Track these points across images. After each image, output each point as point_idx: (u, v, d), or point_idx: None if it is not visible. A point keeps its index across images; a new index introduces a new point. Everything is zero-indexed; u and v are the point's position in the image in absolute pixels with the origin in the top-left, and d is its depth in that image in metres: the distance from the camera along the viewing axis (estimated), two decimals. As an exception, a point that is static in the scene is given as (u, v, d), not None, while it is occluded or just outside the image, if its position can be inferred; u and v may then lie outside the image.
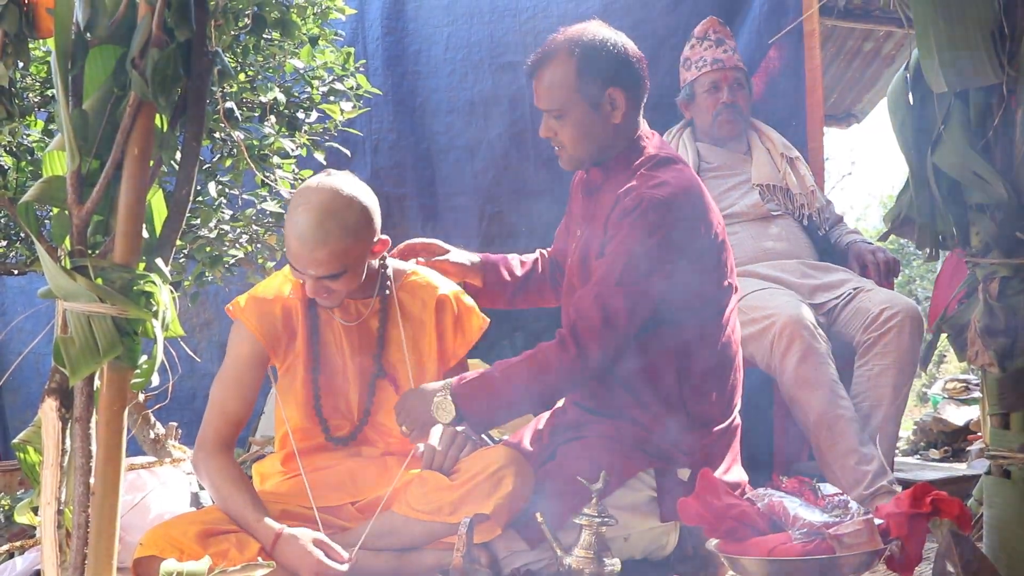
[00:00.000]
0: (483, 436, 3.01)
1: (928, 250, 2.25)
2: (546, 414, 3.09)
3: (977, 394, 7.22)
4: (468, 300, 3.01)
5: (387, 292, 2.90)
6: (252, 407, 2.86)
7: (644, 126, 2.95)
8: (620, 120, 2.86)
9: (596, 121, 2.85)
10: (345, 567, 2.55)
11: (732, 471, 2.86)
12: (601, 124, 2.86)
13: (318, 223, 2.59)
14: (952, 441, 6.87)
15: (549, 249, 3.38)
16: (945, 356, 11.40)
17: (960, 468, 5.36)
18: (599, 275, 2.71)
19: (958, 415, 6.99)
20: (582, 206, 3.00)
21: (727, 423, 2.88)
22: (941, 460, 6.60)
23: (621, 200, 2.75)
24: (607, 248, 2.74)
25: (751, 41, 4.70)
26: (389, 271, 2.93)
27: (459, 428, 2.77)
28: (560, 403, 3.05)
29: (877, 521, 2.13)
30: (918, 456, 6.89)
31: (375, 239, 2.73)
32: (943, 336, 2.34)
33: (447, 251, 3.20)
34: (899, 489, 3.27)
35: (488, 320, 3.02)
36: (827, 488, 2.31)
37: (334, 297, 2.73)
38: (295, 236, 2.61)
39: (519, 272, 3.29)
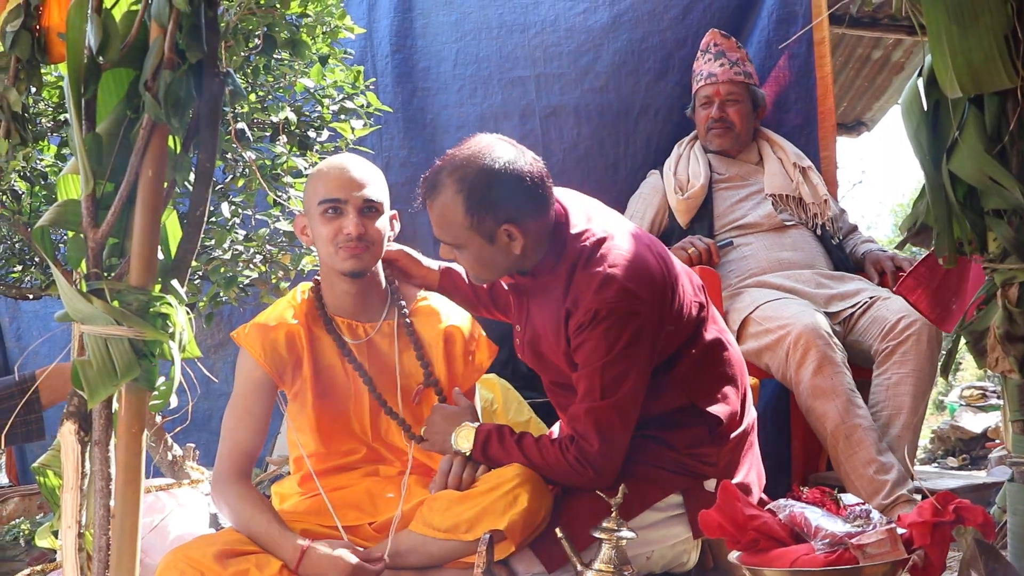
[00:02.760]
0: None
1: (946, 257, 2.24)
2: (557, 431, 3.08)
3: (994, 401, 7.20)
4: (476, 328, 3.00)
5: (405, 314, 2.90)
6: (265, 436, 2.85)
7: (557, 214, 2.75)
8: (520, 251, 2.67)
9: (495, 253, 2.68)
10: (380, 567, 2.56)
11: (750, 474, 2.84)
12: (502, 254, 2.68)
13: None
14: (970, 449, 6.86)
15: None
16: (961, 363, 11.35)
17: (979, 476, 5.34)
18: (583, 391, 2.65)
19: (975, 422, 6.98)
20: (515, 303, 2.93)
21: (744, 426, 2.86)
22: (959, 468, 6.58)
23: (572, 314, 2.65)
24: (578, 359, 2.67)
25: (760, 50, 4.71)
26: (399, 293, 2.93)
27: None
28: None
29: (900, 530, 2.12)
30: (936, 464, 6.87)
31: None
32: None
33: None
34: (919, 498, 3.25)
35: (497, 348, 3.02)
36: (849, 498, 2.30)
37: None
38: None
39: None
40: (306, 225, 2.84)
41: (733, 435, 2.80)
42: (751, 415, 2.91)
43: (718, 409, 2.78)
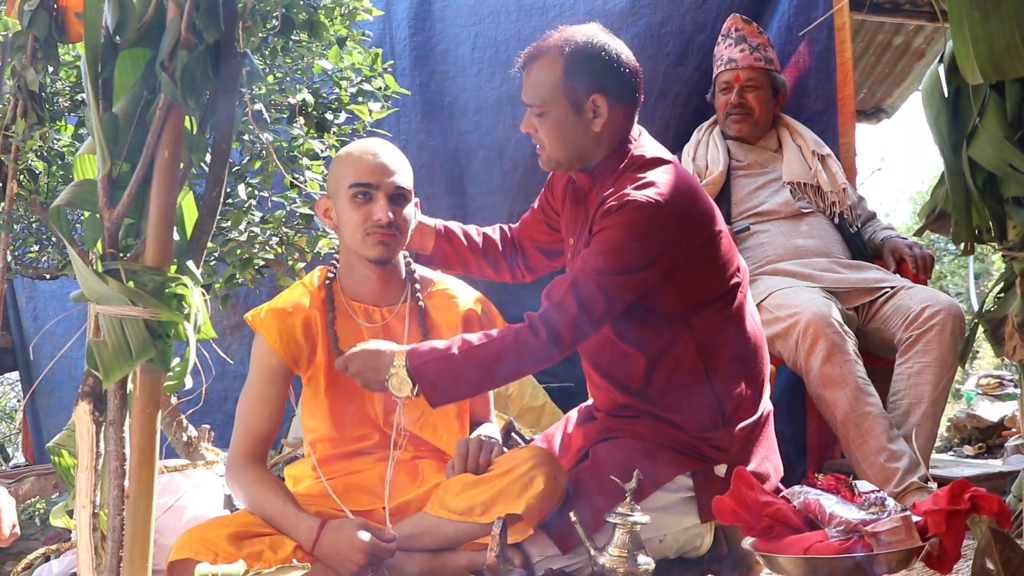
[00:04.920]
0: (514, 436, 3.00)
1: (964, 244, 2.22)
2: (574, 417, 3.08)
3: (1011, 390, 7.17)
4: (492, 311, 3.00)
5: (418, 299, 2.90)
6: (280, 420, 2.86)
7: (635, 131, 2.86)
8: (601, 129, 2.76)
9: (576, 125, 2.76)
10: (394, 546, 2.58)
11: (764, 464, 2.83)
12: (581, 129, 2.76)
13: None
14: (986, 437, 6.82)
15: (512, 226, 3.35)
16: (978, 352, 11.31)
17: (995, 464, 5.32)
18: (578, 265, 2.65)
19: (992, 411, 6.94)
20: (571, 213, 2.96)
21: (759, 414, 2.85)
22: (975, 456, 6.55)
23: (606, 201, 2.68)
24: (590, 243, 2.68)
25: (781, 36, 4.69)
26: (416, 277, 2.93)
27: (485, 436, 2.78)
28: (587, 404, 3.05)
29: (915, 518, 2.11)
30: (952, 452, 6.84)
31: None
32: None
33: None
34: (933, 486, 3.24)
35: None
36: (863, 485, 2.29)
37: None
38: None
39: (477, 240, 3.26)
40: (329, 207, 2.83)
41: (745, 423, 2.79)
42: (767, 406, 2.90)
43: (730, 389, 2.77)
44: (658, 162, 2.78)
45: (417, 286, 2.92)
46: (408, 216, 2.80)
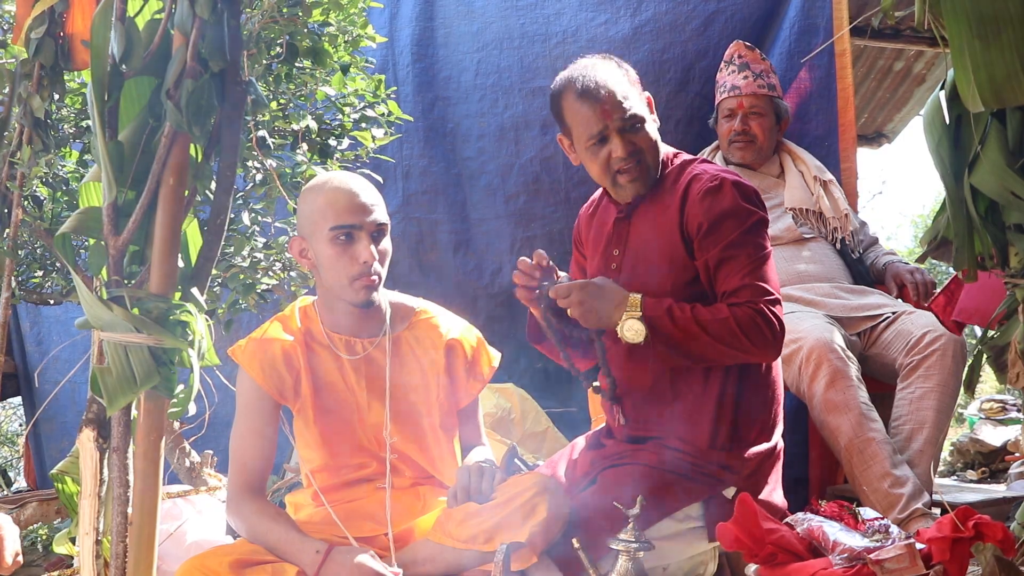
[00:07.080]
0: (517, 461, 2.99)
1: (965, 271, 2.23)
2: (581, 443, 3.07)
3: (1014, 414, 7.16)
4: (477, 339, 2.97)
5: (401, 329, 2.87)
6: (273, 452, 2.82)
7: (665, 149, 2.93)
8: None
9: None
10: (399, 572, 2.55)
11: (775, 495, 2.82)
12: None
13: None
14: (989, 462, 6.81)
15: None
16: (981, 376, 11.28)
17: (999, 489, 5.30)
18: (740, 280, 2.67)
19: (995, 435, 6.93)
20: (614, 233, 2.95)
21: (772, 443, 2.84)
22: (979, 481, 6.54)
23: (692, 185, 2.75)
24: (709, 219, 2.70)
25: (782, 62, 4.70)
26: (397, 307, 2.91)
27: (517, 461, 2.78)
28: (596, 431, 3.04)
29: (919, 545, 2.11)
30: (955, 477, 6.83)
31: None
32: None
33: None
34: (937, 512, 3.24)
35: (499, 354, 2.99)
36: (867, 512, 2.29)
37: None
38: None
39: None
40: (306, 248, 2.78)
41: (758, 448, 2.78)
42: (779, 440, 2.88)
43: (747, 410, 2.76)
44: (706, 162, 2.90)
45: (396, 318, 2.90)
46: (387, 248, 2.75)
